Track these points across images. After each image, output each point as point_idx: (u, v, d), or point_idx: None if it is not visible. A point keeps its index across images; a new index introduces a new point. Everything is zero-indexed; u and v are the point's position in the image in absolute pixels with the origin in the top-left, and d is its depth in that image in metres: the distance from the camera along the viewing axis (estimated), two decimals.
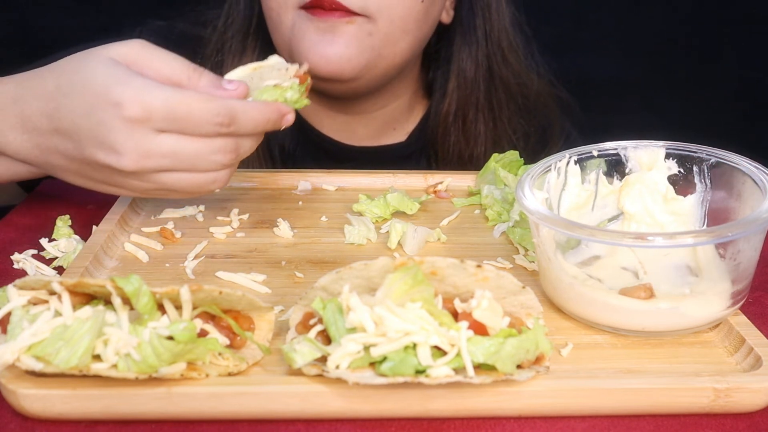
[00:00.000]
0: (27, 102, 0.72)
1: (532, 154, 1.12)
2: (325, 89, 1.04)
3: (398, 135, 1.18)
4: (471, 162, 1.13)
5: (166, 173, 0.70)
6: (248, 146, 0.73)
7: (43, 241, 0.79)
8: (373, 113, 1.13)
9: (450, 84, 1.12)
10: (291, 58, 0.99)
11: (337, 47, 0.94)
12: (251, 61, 0.95)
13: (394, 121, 1.16)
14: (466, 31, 1.10)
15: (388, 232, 0.81)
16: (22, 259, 0.77)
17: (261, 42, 1.08)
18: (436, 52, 1.13)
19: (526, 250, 0.78)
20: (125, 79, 0.67)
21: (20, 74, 0.75)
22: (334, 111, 1.12)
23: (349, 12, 0.93)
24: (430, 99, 1.18)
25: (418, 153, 1.18)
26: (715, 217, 0.72)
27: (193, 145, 0.69)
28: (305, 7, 0.94)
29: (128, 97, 0.66)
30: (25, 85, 0.73)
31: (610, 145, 0.75)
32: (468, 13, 1.10)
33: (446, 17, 1.10)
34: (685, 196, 0.73)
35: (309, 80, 0.76)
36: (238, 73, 0.76)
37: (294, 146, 1.12)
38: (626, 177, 0.74)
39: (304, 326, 0.58)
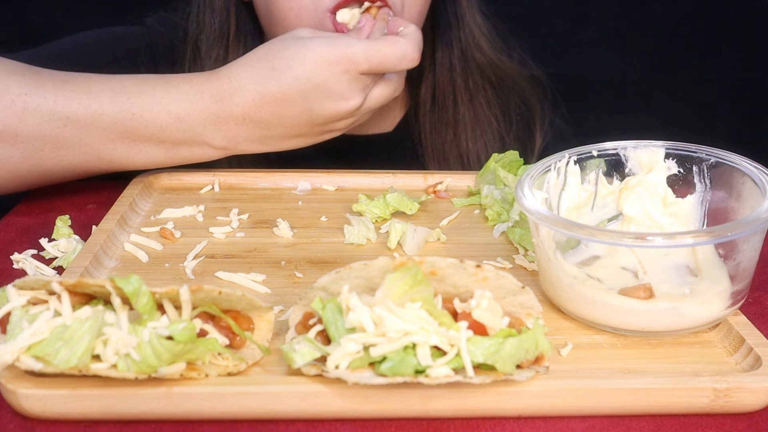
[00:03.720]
0: (241, 93, 0.85)
1: (516, 139, 1.14)
2: None
3: (386, 123, 1.19)
4: (454, 144, 1.14)
5: (371, 94, 0.88)
6: None
7: (43, 241, 0.79)
8: None
9: (425, 70, 1.14)
10: None
11: None
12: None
13: (381, 107, 1.17)
14: (436, 16, 1.12)
15: (387, 232, 0.81)
16: (22, 259, 0.77)
17: (243, 47, 1.08)
18: None
19: (526, 250, 0.78)
20: (326, 41, 0.84)
21: (194, 76, 0.88)
22: None
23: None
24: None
25: (405, 141, 1.19)
26: (714, 217, 0.72)
27: None
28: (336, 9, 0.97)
29: (339, 55, 0.83)
30: (223, 81, 0.86)
31: (609, 145, 0.75)
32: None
33: None
34: (684, 196, 0.73)
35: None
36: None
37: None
38: (625, 180, 0.74)
39: (304, 326, 0.58)
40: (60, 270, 0.76)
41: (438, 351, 0.54)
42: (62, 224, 0.82)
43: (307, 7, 0.97)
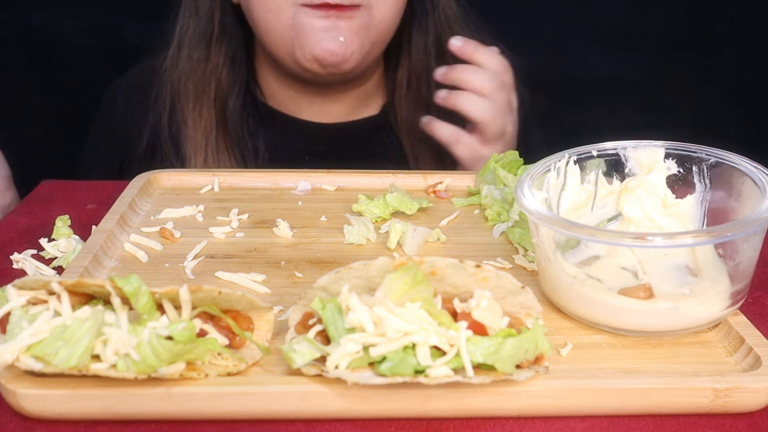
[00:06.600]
0: None
1: None
2: (323, 79, 1.11)
3: (371, 110, 1.23)
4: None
5: None
6: None
7: (43, 241, 0.79)
8: (347, 92, 1.18)
9: (402, 54, 1.18)
10: (289, 53, 1.06)
11: (342, 44, 1.03)
12: (217, 65, 1.10)
13: (367, 97, 1.22)
14: (414, 4, 1.16)
15: (387, 232, 0.81)
16: (22, 259, 0.77)
17: (226, 47, 1.13)
18: None
19: (526, 250, 0.78)
20: None
21: None
22: (310, 95, 1.17)
23: (349, 5, 1.01)
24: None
25: (387, 125, 1.22)
26: (714, 217, 0.72)
27: None
28: (307, 4, 1.02)
29: None
30: None
31: (609, 145, 0.75)
32: None
33: None
34: (684, 196, 0.73)
35: None
36: None
37: (265, 149, 1.16)
38: (625, 181, 0.74)
39: (304, 326, 0.58)
40: (60, 270, 0.76)
41: (438, 351, 0.54)
42: (62, 224, 0.82)
43: (280, 4, 1.02)
